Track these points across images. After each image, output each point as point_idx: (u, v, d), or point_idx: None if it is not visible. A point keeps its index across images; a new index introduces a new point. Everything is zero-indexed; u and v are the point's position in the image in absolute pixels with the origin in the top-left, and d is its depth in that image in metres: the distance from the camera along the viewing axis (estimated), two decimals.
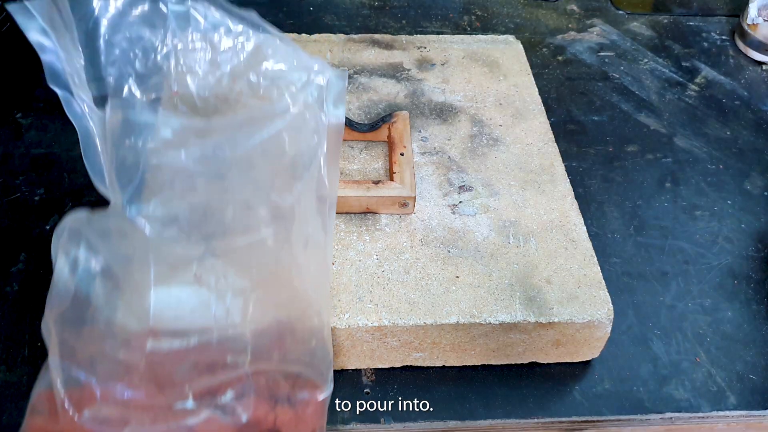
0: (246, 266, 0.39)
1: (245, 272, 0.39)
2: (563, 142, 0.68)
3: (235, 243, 0.38)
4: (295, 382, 0.41)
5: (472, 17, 0.85)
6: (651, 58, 0.80)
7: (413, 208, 0.53)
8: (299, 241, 0.40)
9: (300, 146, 0.39)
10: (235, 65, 0.41)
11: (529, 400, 0.50)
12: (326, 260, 0.42)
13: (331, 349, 0.43)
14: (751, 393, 0.51)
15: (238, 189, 0.38)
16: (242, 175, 0.38)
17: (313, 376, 0.42)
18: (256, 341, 0.40)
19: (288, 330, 0.41)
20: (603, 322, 0.49)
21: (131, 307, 0.38)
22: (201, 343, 0.38)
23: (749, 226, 0.63)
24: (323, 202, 0.41)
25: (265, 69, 0.41)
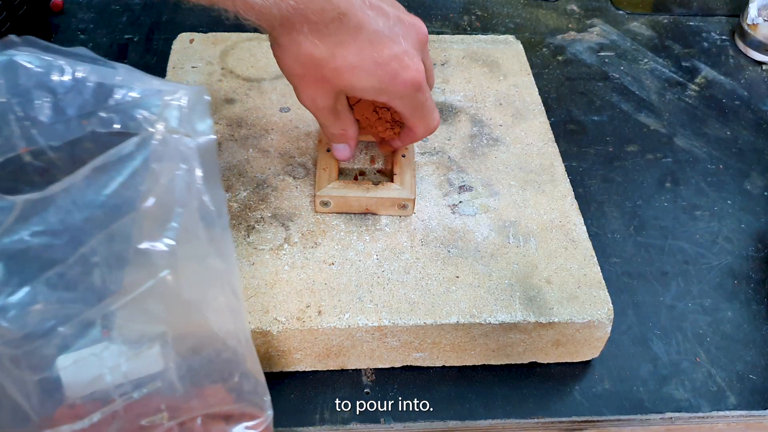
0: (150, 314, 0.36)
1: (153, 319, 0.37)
2: (563, 142, 0.68)
3: (122, 298, 0.35)
4: (229, 420, 0.40)
5: (472, 17, 0.85)
6: (651, 58, 0.80)
7: (413, 210, 0.53)
8: (196, 276, 0.37)
9: (166, 179, 0.35)
10: (80, 105, 0.38)
11: (529, 400, 0.50)
12: (232, 287, 0.39)
13: (260, 373, 0.41)
14: (751, 393, 0.51)
15: (101, 249, 0.34)
16: (101, 233, 0.34)
17: (245, 409, 0.40)
18: (170, 393, 0.38)
19: (204, 373, 0.39)
20: (603, 322, 0.49)
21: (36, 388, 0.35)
22: (108, 414, 0.36)
23: (749, 226, 0.63)
24: (211, 228, 0.37)
25: (114, 103, 0.38)
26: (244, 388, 0.40)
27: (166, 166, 0.35)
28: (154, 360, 0.37)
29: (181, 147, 0.35)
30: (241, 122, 0.60)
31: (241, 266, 0.49)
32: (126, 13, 0.80)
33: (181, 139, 0.35)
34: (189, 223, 0.35)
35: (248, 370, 0.40)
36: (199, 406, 0.39)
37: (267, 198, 0.54)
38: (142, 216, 0.34)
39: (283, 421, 0.48)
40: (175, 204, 0.35)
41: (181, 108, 0.36)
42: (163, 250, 0.34)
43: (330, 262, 0.50)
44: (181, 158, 0.35)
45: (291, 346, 0.48)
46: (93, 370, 0.36)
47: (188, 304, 0.36)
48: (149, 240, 0.34)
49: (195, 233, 0.36)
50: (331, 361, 0.50)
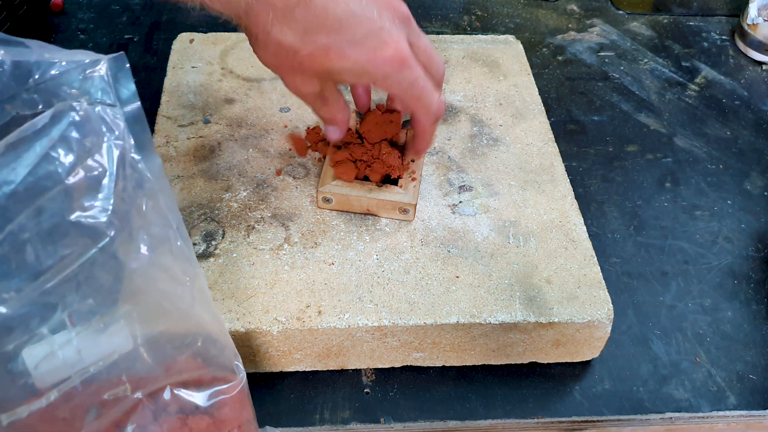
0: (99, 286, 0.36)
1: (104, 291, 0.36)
2: (563, 142, 0.68)
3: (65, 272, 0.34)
4: (199, 386, 0.40)
5: (472, 17, 0.85)
6: (651, 58, 0.80)
7: (413, 216, 0.53)
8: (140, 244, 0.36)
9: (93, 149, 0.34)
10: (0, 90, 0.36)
11: (529, 400, 0.50)
12: (183, 252, 0.39)
13: (226, 336, 0.41)
14: (751, 393, 0.51)
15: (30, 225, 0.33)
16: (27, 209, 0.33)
17: (215, 373, 0.40)
18: (129, 364, 0.37)
19: (164, 341, 0.38)
20: (603, 322, 0.49)
21: None
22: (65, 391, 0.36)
23: (749, 226, 0.63)
24: (154, 197, 0.37)
25: (35, 83, 0.36)
26: (210, 353, 0.39)
27: (91, 137, 0.34)
28: (123, 339, 0.37)
29: (105, 117, 0.35)
30: (241, 122, 0.60)
31: (241, 266, 0.49)
32: (126, 13, 0.80)
33: (104, 110, 0.35)
34: (124, 191, 0.35)
35: (211, 334, 0.40)
36: (164, 376, 0.38)
37: (267, 198, 0.54)
38: (71, 188, 0.33)
39: (283, 421, 0.48)
40: (106, 174, 0.34)
41: (102, 78, 0.36)
42: (100, 221, 0.34)
43: (330, 262, 0.50)
44: (107, 128, 0.35)
45: (291, 346, 0.48)
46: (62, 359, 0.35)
47: (135, 272, 0.36)
48: (82, 211, 0.34)
49: (132, 202, 0.36)
50: (331, 361, 0.50)
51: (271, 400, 0.49)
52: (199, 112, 0.61)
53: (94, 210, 0.34)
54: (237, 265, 0.50)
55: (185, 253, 0.38)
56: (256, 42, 0.44)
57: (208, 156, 0.57)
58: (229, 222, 0.52)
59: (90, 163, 0.34)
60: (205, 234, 0.51)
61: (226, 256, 0.50)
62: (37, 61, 0.36)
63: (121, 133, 0.35)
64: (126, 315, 0.36)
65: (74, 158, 0.34)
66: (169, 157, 0.57)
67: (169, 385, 0.39)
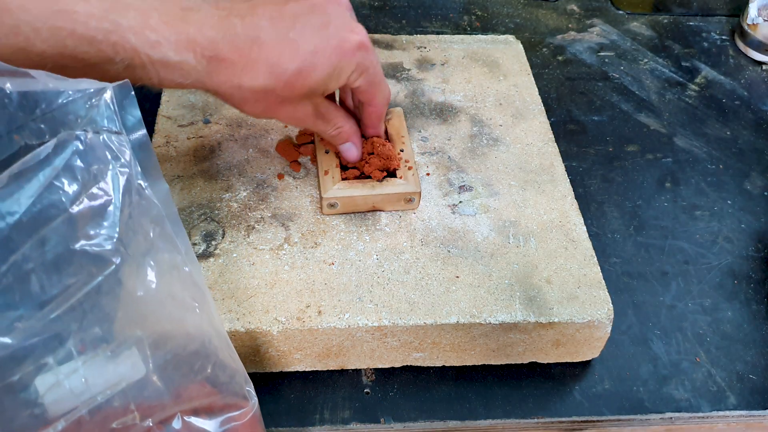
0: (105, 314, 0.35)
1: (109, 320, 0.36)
2: (563, 142, 0.68)
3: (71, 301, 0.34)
4: (211, 413, 0.39)
5: (472, 17, 0.85)
6: (651, 58, 0.80)
7: (418, 204, 0.54)
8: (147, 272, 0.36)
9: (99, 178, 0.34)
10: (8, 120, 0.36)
11: (529, 400, 0.50)
12: (192, 278, 0.39)
13: (238, 362, 0.41)
14: (751, 393, 0.51)
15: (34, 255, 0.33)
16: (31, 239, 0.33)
17: (227, 400, 0.40)
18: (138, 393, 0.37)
19: (172, 368, 0.38)
20: (603, 322, 0.49)
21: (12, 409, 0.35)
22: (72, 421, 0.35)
23: (749, 226, 0.63)
24: (161, 223, 0.37)
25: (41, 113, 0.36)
26: (220, 379, 0.39)
27: (96, 166, 0.34)
28: (130, 367, 0.36)
29: (111, 145, 0.35)
30: (241, 122, 0.60)
31: (241, 266, 0.49)
32: None
33: (110, 137, 0.35)
34: (131, 219, 0.35)
35: (222, 360, 0.39)
36: (174, 403, 0.38)
37: (267, 198, 0.54)
38: (75, 217, 0.33)
39: (283, 421, 0.48)
40: (112, 202, 0.34)
41: (108, 106, 0.36)
42: (105, 249, 0.34)
43: (330, 262, 0.50)
44: (113, 156, 0.35)
45: (291, 346, 0.48)
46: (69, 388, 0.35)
47: (142, 300, 0.36)
48: (87, 240, 0.34)
49: (139, 229, 0.36)
50: (331, 361, 0.50)
51: (271, 400, 0.49)
52: (199, 112, 0.61)
53: (99, 238, 0.34)
54: (237, 265, 0.50)
55: (194, 278, 0.38)
56: (233, 99, 0.45)
57: (208, 156, 0.57)
58: (229, 222, 0.52)
59: (95, 191, 0.34)
60: (205, 234, 0.51)
61: (226, 256, 0.50)
62: (43, 90, 0.36)
63: (127, 161, 0.35)
64: (135, 342, 0.36)
65: (79, 187, 0.34)
66: (169, 157, 0.57)
67: (179, 412, 0.38)
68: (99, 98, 0.36)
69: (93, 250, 0.34)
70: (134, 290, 0.35)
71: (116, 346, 0.36)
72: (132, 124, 0.37)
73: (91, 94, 0.36)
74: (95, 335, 0.35)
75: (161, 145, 0.57)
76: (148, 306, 0.36)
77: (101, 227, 0.34)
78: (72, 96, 0.36)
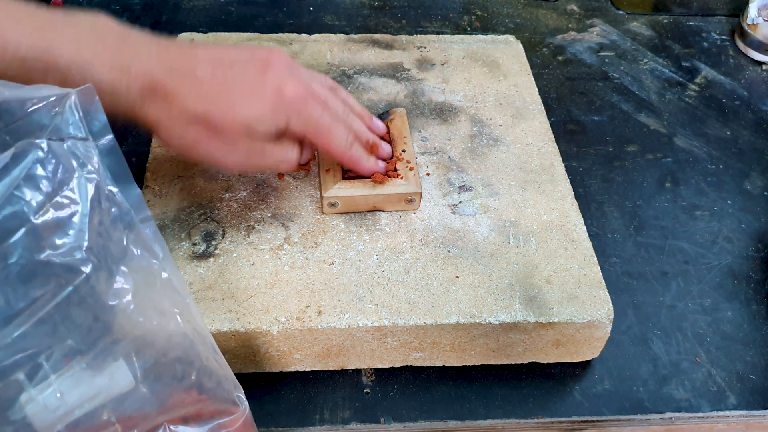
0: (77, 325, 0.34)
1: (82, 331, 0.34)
2: (563, 142, 0.68)
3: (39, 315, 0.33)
4: (200, 420, 0.38)
5: (472, 17, 0.85)
6: (651, 58, 0.80)
7: (419, 204, 0.54)
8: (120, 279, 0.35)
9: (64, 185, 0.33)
10: None
11: (529, 400, 0.50)
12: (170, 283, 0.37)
13: (226, 368, 0.39)
14: (751, 393, 0.51)
15: None
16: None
17: (215, 406, 0.39)
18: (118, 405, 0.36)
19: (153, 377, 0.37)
20: (603, 322, 0.49)
21: None
22: None
23: (749, 226, 0.63)
24: (135, 229, 0.36)
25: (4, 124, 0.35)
26: (206, 385, 0.38)
27: (60, 174, 0.33)
28: (118, 377, 0.35)
29: (76, 152, 0.34)
30: None
31: (241, 266, 0.49)
32: (126, 13, 0.80)
33: (75, 144, 0.34)
34: (101, 226, 0.34)
35: (207, 366, 0.38)
36: (159, 413, 0.37)
37: (267, 198, 0.54)
38: (40, 228, 0.32)
39: (283, 421, 0.48)
40: (79, 210, 0.33)
41: (72, 112, 0.35)
42: (74, 258, 0.33)
43: (330, 262, 0.50)
44: (79, 163, 0.34)
45: (291, 346, 0.48)
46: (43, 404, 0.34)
47: (116, 309, 0.35)
48: (53, 250, 0.33)
49: (111, 236, 0.35)
50: (331, 361, 0.50)
51: (271, 400, 0.49)
52: None
53: (66, 248, 0.33)
54: (237, 265, 0.50)
55: (173, 283, 0.37)
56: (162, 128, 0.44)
57: None
58: (229, 222, 0.52)
59: (60, 200, 0.33)
60: (205, 234, 0.51)
61: (226, 256, 0.50)
62: (5, 100, 0.35)
63: (94, 167, 0.34)
64: (112, 353, 0.35)
65: (42, 196, 0.33)
66: (169, 157, 0.57)
67: (165, 422, 0.37)
68: (63, 105, 0.35)
69: (61, 260, 0.33)
70: (106, 300, 0.34)
71: (92, 358, 0.35)
72: (98, 129, 0.36)
73: (54, 102, 0.35)
74: (68, 348, 0.34)
75: (161, 145, 0.57)
76: (121, 315, 0.35)
77: (67, 236, 0.33)
78: (36, 104, 0.35)
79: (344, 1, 0.85)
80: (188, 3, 0.82)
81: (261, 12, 0.82)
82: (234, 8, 0.82)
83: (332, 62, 0.67)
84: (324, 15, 0.83)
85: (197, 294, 0.48)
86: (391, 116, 0.58)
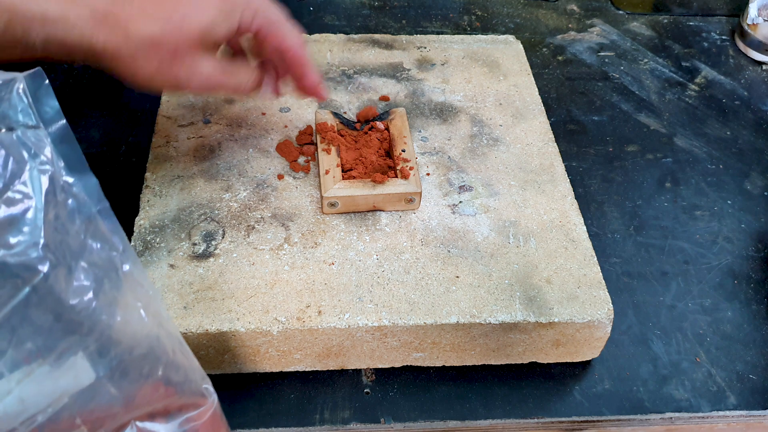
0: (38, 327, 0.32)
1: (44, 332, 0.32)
2: (563, 142, 0.68)
3: None
4: (168, 416, 0.37)
5: (472, 17, 0.85)
6: (651, 58, 0.80)
7: (419, 204, 0.54)
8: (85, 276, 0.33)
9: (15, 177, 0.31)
10: None
11: (529, 400, 0.50)
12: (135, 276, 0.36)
13: (193, 362, 0.38)
14: (751, 393, 0.51)
15: None
16: None
17: (183, 400, 0.38)
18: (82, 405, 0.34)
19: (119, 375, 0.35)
20: (603, 322, 0.49)
21: None
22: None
23: (749, 226, 0.63)
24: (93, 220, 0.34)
25: None
26: (174, 380, 0.37)
27: (12, 166, 0.31)
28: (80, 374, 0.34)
29: (26, 141, 0.31)
30: (241, 122, 0.60)
31: (241, 266, 0.49)
32: None
33: (25, 133, 0.32)
34: (57, 220, 0.32)
35: (174, 360, 0.37)
36: (126, 410, 0.36)
37: (267, 198, 0.54)
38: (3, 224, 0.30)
39: (283, 421, 0.48)
40: (33, 204, 0.31)
41: (21, 98, 0.32)
42: (30, 257, 0.31)
43: (330, 262, 0.50)
44: (30, 154, 0.31)
45: (291, 346, 0.48)
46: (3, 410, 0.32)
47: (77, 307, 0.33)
48: (7, 250, 0.30)
49: (68, 230, 0.32)
50: (331, 361, 0.50)
51: (271, 400, 0.49)
52: (199, 112, 0.61)
53: (21, 246, 0.30)
54: (237, 265, 0.50)
55: (135, 276, 0.35)
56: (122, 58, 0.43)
57: (208, 156, 0.57)
58: (229, 222, 0.52)
59: (12, 195, 0.31)
60: (205, 234, 0.51)
61: (226, 256, 0.50)
62: None
63: (48, 157, 0.32)
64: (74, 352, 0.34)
65: None
66: (169, 157, 0.57)
67: (132, 419, 0.36)
68: (9, 91, 0.32)
69: (16, 260, 0.30)
70: (66, 298, 0.32)
71: (54, 360, 0.33)
72: (50, 116, 0.33)
73: (0, 87, 0.32)
74: (28, 350, 0.32)
75: (161, 145, 0.57)
76: (83, 312, 0.33)
77: (23, 234, 0.31)
78: None
79: (344, 1, 0.85)
80: None
81: None
82: None
83: (332, 62, 0.67)
84: (324, 15, 0.83)
85: (197, 294, 0.48)
86: (391, 116, 0.58)
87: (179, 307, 0.47)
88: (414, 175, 0.53)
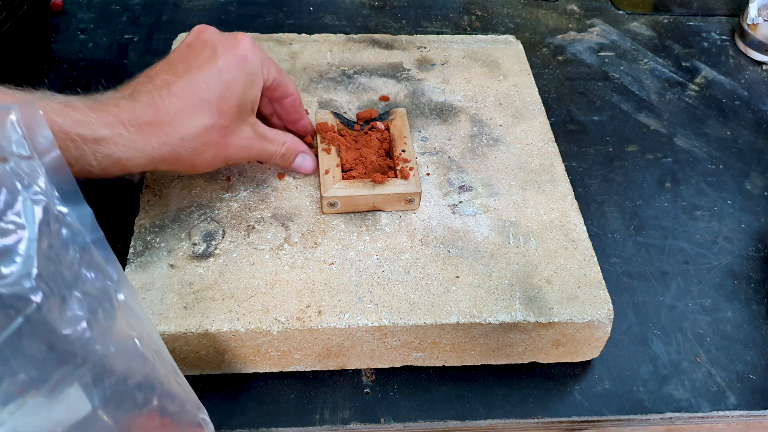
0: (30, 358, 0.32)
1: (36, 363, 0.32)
2: (563, 142, 0.68)
3: None
4: None
5: (472, 17, 0.85)
6: (651, 58, 0.80)
7: (419, 204, 0.54)
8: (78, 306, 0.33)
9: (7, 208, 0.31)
10: None
11: (529, 400, 0.50)
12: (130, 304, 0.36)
13: (189, 392, 0.38)
14: (751, 393, 0.51)
15: None
16: None
17: (179, 429, 0.38)
18: None
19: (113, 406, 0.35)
20: (603, 322, 0.49)
21: None
22: None
23: (749, 226, 0.63)
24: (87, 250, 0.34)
25: None
26: (169, 409, 0.37)
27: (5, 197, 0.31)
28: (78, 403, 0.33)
29: (20, 172, 0.32)
30: None
31: (241, 266, 0.49)
32: (126, 13, 0.80)
33: (18, 164, 0.32)
34: (51, 250, 0.32)
35: (169, 390, 0.37)
36: None
37: (267, 198, 0.54)
38: None
39: (283, 421, 0.48)
40: (26, 235, 0.31)
41: (15, 129, 0.32)
42: (23, 288, 0.30)
43: (330, 262, 0.50)
44: (23, 184, 0.31)
45: (291, 346, 0.48)
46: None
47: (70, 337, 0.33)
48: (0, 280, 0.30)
49: (61, 260, 0.33)
50: (331, 361, 0.50)
51: (271, 400, 0.49)
52: None
53: (14, 277, 0.30)
54: (237, 265, 0.50)
55: (130, 305, 0.35)
56: (182, 158, 0.45)
57: None
58: (229, 222, 0.52)
59: (5, 226, 0.31)
60: (205, 234, 0.51)
61: (226, 256, 0.50)
62: None
63: (41, 188, 0.32)
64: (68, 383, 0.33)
65: None
66: None
67: None
68: (3, 122, 0.32)
69: (8, 290, 0.30)
70: (59, 328, 0.32)
71: (48, 390, 0.33)
72: (44, 146, 0.33)
73: None
74: (22, 381, 0.32)
75: None
76: (77, 343, 0.33)
77: (16, 264, 0.31)
78: None
79: (344, 1, 0.85)
80: (188, 3, 0.82)
81: (261, 12, 0.82)
82: (234, 8, 0.82)
83: (332, 62, 0.67)
84: (324, 15, 0.83)
85: (197, 294, 0.48)
86: (391, 116, 0.58)
87: (179, 307, 0.47)
88: (414, 176, 0.53)
